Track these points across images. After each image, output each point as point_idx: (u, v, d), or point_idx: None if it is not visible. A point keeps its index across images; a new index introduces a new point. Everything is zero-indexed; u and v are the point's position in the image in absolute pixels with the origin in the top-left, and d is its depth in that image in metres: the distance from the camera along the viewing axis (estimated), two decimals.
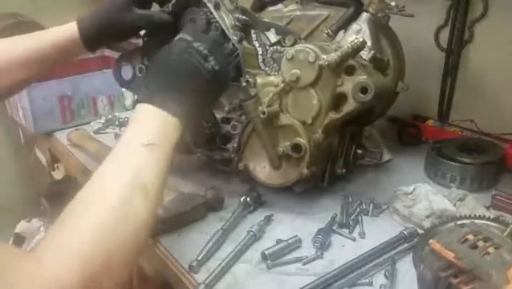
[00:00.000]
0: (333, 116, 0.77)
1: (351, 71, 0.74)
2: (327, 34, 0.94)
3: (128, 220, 0.51)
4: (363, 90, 0.73)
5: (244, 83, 0.79)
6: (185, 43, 0.69)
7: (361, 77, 0.73)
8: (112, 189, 0.53)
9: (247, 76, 0.79)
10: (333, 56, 0.73)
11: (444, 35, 1.19)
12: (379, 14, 0.96)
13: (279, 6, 1.07)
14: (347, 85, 0.74)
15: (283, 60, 0.78)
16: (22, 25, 1.63)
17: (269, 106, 0.78)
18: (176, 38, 0.71)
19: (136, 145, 0.58)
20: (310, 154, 0.78)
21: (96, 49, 0.84)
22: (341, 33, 0.95)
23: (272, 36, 0.85)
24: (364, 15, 0.96)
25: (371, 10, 0.96)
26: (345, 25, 0.96)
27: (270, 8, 1.08)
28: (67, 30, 0.81)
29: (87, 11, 0.82)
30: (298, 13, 1.01)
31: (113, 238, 0.49)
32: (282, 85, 0.79)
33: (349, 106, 0.75)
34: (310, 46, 0.76)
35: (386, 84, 0.85)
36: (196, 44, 0.69)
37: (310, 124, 0.79)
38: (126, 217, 0.51)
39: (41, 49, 0.81)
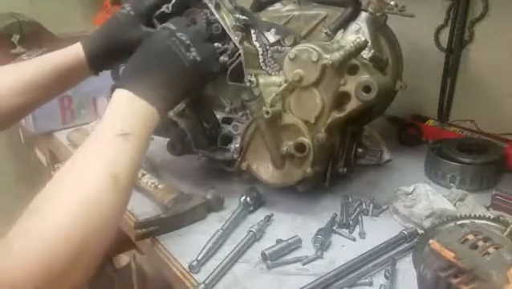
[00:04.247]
0: (336, 115, 0.77)
1: (353, 70, 0.74)
2: (326, 33, 0.94)
3: (98, 212, 0.51)
4: (367, 89, 0.73)
5: (248, 84, 0.79)
6: (168, 31, 0.69)
7: (364, 76, 0.73)
8: (84, 180, 0.52)
9: (249, 76, 0.79)
10: (336, 56, 0.73)
11: (444, 35, 1.19)
12: (378, 14, 0.97)
13: (278, 5, 1.07)
14: (350, 84, 0.74)
15: (286, 60, 0.78)
16: (22, 25, 1.63)
17: (272, 106, 0.78)
18: (159, 26, 0.71)
19: (110, 134, 0.57)
20: (313, 153, 0.78)
21: (100, 70, 0.80)
22: (340, 32, 0.95)
23: (271, 36, 0.85)
24: (363, 15, 0.96)
25: (370, 9, 0.96)
26: (344, 24, 0.96)
27: (269, 8, 1.08)
28: (69, 52, 0.77)
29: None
30: (296, 13, 1.01)
31: (84, 230, 0.49)
32: (285, 85, 0.79)
33: (352, 105, 0.75)
34: (313, 46, 0.76)
35: (386, 83, 0.85)
36: (179, 34, 0.69)
37: (313, 124, 0.79)
38: (97, 209, 0.51)
39: (41, 74, 0.76)
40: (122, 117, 0.59)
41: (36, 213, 0.49)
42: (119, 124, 0.58)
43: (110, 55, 0.77)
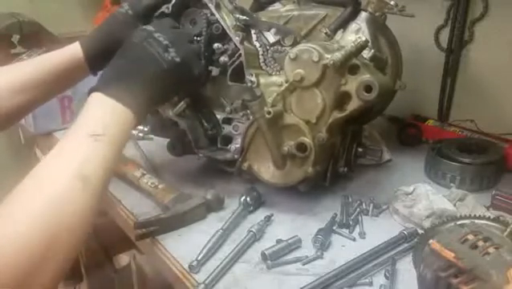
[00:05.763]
0: (337, 115, 0.77)
1: (354, 70, 0.74)
2: (326, 33, 0.94)
3: (65, 211, 0.51)
4: (368, 88, 0.73)
5: (248, 84, 0.79)
6: (145, 33, 0.69)
7: (365, 76, 0.73)
8: (53, 179, 0.52)
9: (250, 76, 0.79)
10: (337, 55, 0.73)
11: (444, 35, 1.19)
12: (377, 14, 0.97)
13: (277, 5, 1.07)
14: (351, 84, 0.74)
15: (287, 60, 0.78)
16: (22, 25, 1.63)
17: (273, 106, 0.78)
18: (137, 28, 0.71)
19: (81, 135, 0.57)
20: (314, 153, 0.78)
21: (99, 69, 0.80)
22: (339, 32, 0.95)
23: (271, 36, 0.85)
24: (363, 14, 0.96)
25: (369, 9, 0.96)
26: (343, 24, 0.96)
27: (269, 8, 1.08)
28: (68, 51, 0.78)
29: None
30: (295, 12, 1.01)
31: (48, 230, 0.49)
32: (286, 85, 0.79)
33: (353, 105, 0.75)
34: (314, 46, 0.76)
35: (386, 83, 0.85)
36: (156, 34, 0.68)
37: (314, 124, 0.79)
38: (63, 208, 0.51)
39: (39, 73, 0.76)
40: (95, 118, 0.59)
41: (2, 212, 0.49)
42: (91, 125, 0.58)
43: (108, 54, 0.76)
